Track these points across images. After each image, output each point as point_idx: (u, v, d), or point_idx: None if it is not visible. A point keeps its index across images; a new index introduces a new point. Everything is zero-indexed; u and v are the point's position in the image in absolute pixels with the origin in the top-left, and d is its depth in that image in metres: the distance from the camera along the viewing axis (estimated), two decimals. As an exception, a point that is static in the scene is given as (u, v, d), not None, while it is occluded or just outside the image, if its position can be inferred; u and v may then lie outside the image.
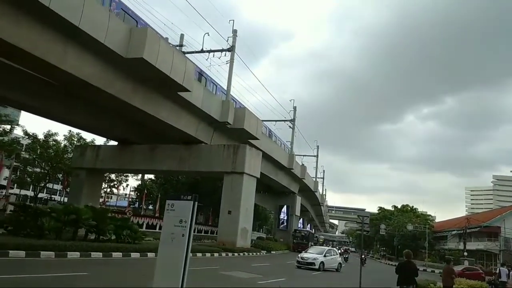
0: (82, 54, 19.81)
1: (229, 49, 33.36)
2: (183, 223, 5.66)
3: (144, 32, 21.22)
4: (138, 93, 24.18)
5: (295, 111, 52.75)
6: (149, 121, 27.78)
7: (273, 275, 15.76)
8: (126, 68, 22.02)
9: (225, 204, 30.48)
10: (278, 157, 44.85)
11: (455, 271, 12.76)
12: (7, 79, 21.86)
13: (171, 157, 32.30)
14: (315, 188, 68.18)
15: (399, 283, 9.67)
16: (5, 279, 8.76)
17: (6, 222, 15.95)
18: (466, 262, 41.62)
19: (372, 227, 78.72)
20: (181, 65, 23.71)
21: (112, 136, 36.27)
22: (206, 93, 29.19)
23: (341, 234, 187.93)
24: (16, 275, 9.50)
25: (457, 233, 55.82)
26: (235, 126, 31.67)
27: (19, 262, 11.73)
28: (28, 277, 9.42)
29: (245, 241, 30.42)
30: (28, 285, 8.72)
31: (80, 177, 34.57)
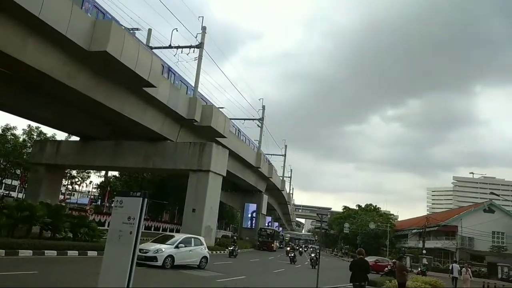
0: (43, 46, 19.10)
1: (198, 46, 33.00)
2: (131, 220, 5.53)
3: (108, 25, 20.69)
4: (101, 88, 23.57)
5: (264, 110, 52.99)
6: (113, 117, 27.14)
7: (235, 274, 15.76)
8: (89, 62, 21.42)
9: (189, 202, 30.17)
10: (245, 156, 44.86)
11: (406, 268, 13.22)
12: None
13: (135, 154, 31.65)
14: (282, 187, 68.72)
15: (352, 280, 9.90)
16: None
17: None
18: (424, 260, 43.20)
19: (336, 226, 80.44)
20: (147, 59, 23.27)
21: (74, 131, 35.16)
22: (173, 89, 28.78)
23: (307, 233, 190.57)
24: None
25: (417, 231, 57.74)
26: (202, 124, 31.39)
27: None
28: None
29: (209, 240, 30.15)
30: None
31: (39, 173, 33.27)
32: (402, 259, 15.23)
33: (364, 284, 9.86)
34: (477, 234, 49.14)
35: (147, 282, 10.66)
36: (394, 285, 15.50)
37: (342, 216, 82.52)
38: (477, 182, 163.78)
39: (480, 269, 43.88)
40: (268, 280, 15.82)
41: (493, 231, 51.20)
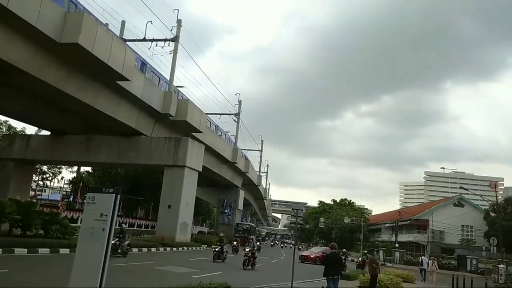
0: (10, 37, 18.43)
1: (173, 39, 32.56)
2: (103, 217, 5.39)
3: (80, 16, 20.17)
4: (73, 81, 22.98)
5: (240, 105, 52.93)
6: (86, 111, 26.52)
7: (209, 269, 15.68)
8: (60, 54, 20.83)
9: (165, 198, 29.85)
10: (222, 151, 44.72)
11: (377, 261, 13.51)
12: None
13: (109, 149, 31.03)
14: (258, 182, 68.91)
15: (326, 274, 10.00)
16: None
17: None
18: (397, 254, 44.26)
19: (312, 221, 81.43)
20: (120, 52, 22.81)
21: (44, 125, 34.10)
22: (147, 83, 28.33)
23: (284, 228, 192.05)
24: None
25: (390, 225, 59.09)
26: (178, 119, 31.03)
27: None
28: None
29: (185, 236, 30.05)
30: None
31: (7, 168, 32.13)
32: (373, 252, 15.59)
33: (337, 278, 9.98)
34: (447, 228, 50.67)
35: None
36: (367, 278, 15.79)
37: (317, 211, 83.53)
38: (447, 177, 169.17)
39: (450, 261, 45.31)
40: (246, 276, 15.79)
41: (463, 225, 52.94)
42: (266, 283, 13.28)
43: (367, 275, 16.46)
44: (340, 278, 10.16)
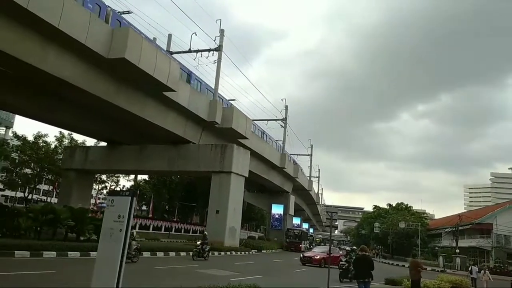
0: (63, 55, 19.84)
1: (217, 49, 33.36)
2: (121, 218, 5.69)
3: (125, 32, 21.27)
4: (122, 93, 24.22)
5: (287, 110, 52.85)
6: (136, 121, 27.79)
7: (252, 273, 15.77)
8: (109, 69, 22.06)
9: (213, 203, 30.52)
10: (269, 157, 44.88)
11: (421, 264, 12.86)
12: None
13: (159, 158, 32.30)
14: (309, 187, 68.21)
15: (356, 277, 9.74)
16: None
17: (-19, 223, 15.95)
18: (457, 260, 41.79)
19: (367, 226, 79.03)
20: (165, 64, 23.75)
21: (100, 137, 36.32)
22: (193, 93, 29.24)
23: (340, 233, 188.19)
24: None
25: (450, 230, 55.94)
26: (223, 126, 31.70)
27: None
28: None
29: (234, 240, 30.42)
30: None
31: (69, 178, 34.55)
32: (415, 256, 14.90)
33: (368, 281, 9.66)
34: (514, 232, 47.03)
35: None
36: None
37: (372, 215, 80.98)
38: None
39: (517, 268, 41.94)
40: (285, 279, 15.71)
41: (531, 229, 48.83)
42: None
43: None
44: (371, 280, 9.82)
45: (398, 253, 62.12)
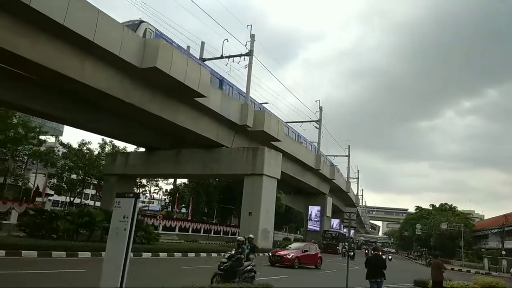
0: (99, 67, 21.14)
1: (247, 54, 34.04)
2: (125, 219, 6.23)
3: (157, 43, 22.33)
4: (155, 101, 25.33)
5: (321, 111, 52.68)
6: (170, 127, 28.92)
7: (278, 274, 16.09)
8: (142, 78, 23.18)
9: (245, 205, 31.10)
10: (304, 158, 44.96)
11: (444, 265, 12.60)
12: (39, 95, 23.58)
13: (194, 161, 33.32)
14: (347, 189, 67.44)
15: (368, 276, 9.81)
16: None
17: (23, 225, 17.34)
18: (504, 262, 39.93)
19: (410, 227, 76.82)
20: (196, 72, 24.63)
21: (138, 143, 37.93)
22: (224, 98, 30.01)
23: (383, 235, 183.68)
24: (15, 271, 10.54)
25: (497, 231, 53.36)
26: (255, 129, 32.28)
27: (29, 261, 12.91)
28: (19, 274, 10.47)
29: (267, 242, 30.79)
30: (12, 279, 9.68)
31: (110, 182, 36.38)
32: (438, 256, 14.55)
33: (380, 280, 9.73)
34: None
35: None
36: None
37: (414, 217, 78.61)
38: None
39: None
40: (311, 280, 15.88)
41: None
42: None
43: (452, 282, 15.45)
44: (384, 279, 9.87)
45: (441, 255, 59.95)
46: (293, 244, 25.16)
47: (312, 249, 23.21)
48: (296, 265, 20.34)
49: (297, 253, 21.48)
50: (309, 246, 23.37)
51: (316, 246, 25.39)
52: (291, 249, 22.49)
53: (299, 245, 23.94)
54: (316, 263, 22.50)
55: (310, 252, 22.46)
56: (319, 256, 23.17)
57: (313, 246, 24.16)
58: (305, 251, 21.94)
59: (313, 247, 23.95)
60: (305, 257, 21.66)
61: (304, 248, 22.40)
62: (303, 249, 22.28)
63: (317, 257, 22.88)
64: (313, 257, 22.47)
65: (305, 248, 22.65)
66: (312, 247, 23.95)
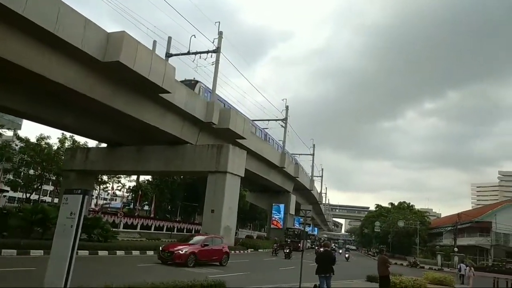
0: (63, 61, 20.50)
1: (215, 51, 33.91)
2: (72, 215, 6.20)
3: (120, 36, 21.82)
4: (119, 96, 24.83)
5: (287, 110, 53.33)
6: (134, 123, 28.40)
7: (237, 271, 16.25)
8: (106, 72, 22.66)
9: (208, 203, 31.07)
10: (269, 157, 45.34)
11: (389, 260, 13.24)
12: None
13: (157, 158, 32.94)
14: (311, 187, 68.59)
15: (318, 272, 10.16)
16: None
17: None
18: (456, 258, 42.00)
19: (369, 225, 79.20)
20: (160, 67, 24.32)
21: (100, 138, 37.03)
22: (190, 94, 29.80)
23: (346, 233, 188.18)
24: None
25: (450, 229, 56.04)
26: (221, 126, 32.24)
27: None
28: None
29: (229, 239, 30.86)
30: None
31: (70, 178, 35.33)
32: (383, 252, 15.26)
33: (329, 276, 10.11)
34: (513, 231, 47.04)
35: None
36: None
37: (374, 215, 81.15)
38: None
39: (516, 266, 42.00)
40: (269, 276, 16.15)
41: (532, 227, 48.75)
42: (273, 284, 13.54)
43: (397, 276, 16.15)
44: (332, 275, 10.27)
45: (398, 252, 62.38)
46: (195, 238, 21.06)
47: (216, 243, 20.22)
48: (190, 263, 17.19)
49: (194, 247, 18.23)
50: (212, 239, 20.05)
51: (222, 239, 22.39)
52: (188, 243, 18.95)
53: (199, 238, 20.11)
54: (221, 259, 19.74)
55: (213, 246, 19.48)
56: (225, 251, 20.46)
57: (218, 240, 21.19)
58: (206, 245, 18.72)
59: (218, 240, 21.12)
60: (204, 252, 18.44)
61: (204, 242, 19.03)
62: (203, 242, 18.94)
63: (222, 252, 20.08)
64: (216, 252, 19.52)
65: (206, 241, 19.25)
66: (217, 240, 20.99)
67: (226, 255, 20.41)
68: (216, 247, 19.82)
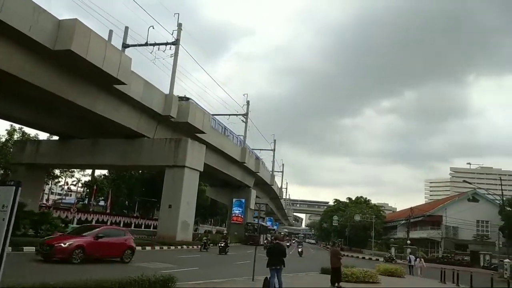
0: (8, 48, 19.32)
1: (174, 43, 33.19)
2: (5, 208, 5.79)
3: (72, 24, 20.86)
4: (71, 87, 23.80)
5: (248, 105, 53.32)
6: (87, 115, 27.35)
7: (190, 265, 16.02)
8: (57, 62, 21.67)
9: (166, 197, 30.53)
10: (230, 151, 45.12)
11: (340, 253, 13.56)
12: None
13: (113, 152, 31.94)
14: (271, 182, 69.03)
15: (269, 265, 10.17)
16: None
17: None
18: (408, 250, 43.68)
19: (328, 219, 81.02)
20: (115, 57, 23.52)
21: (53, 131, 35.43)
22: (147, 86, 28.99)
23: (306, 227, 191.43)
24: None
25: (404, 222, 58.31)
26: (179, 120, 31.65)
27: None
28: None
29: (186, 235, 30.58)
30: None
31: (19, 172, 33.49)
32: (335, 244, 15.68)
33: (280, 268, 10.15)
34: (461, 224, 49.56)
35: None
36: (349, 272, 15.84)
37: (332, 209, 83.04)
38: (474, 173, 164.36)
39: (463, 257, 44.34)
40: (221, 271, 16.01)
41: (478, 220, 51.65)
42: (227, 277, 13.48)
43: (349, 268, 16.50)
44: (283, 267, 10.31)
45: (355, 245, 64.31)
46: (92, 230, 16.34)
47: (115, 235, 16.61)
48: (76, 259, 14.06)
49: (83, 240, 14.75)
50: (109, 231, 16.64)
51: (125, 231, 18.29)
52: (79, 235, 15.32)
53: (93, 230, 16.11)
54: (122, 255, 16.12)
55: (111, 239, 15.89)
56: (128, 245, 16.62)
57: (118, 232, 17.56)
58: (99, 237, 15.16)
59: (118, 232, 17.46)
60: (97, 246, 15.02)
61: (98, 233, 15.38)
62: (97, 234, 15.32)
63: (124, 247, 16.33)
64: (114, 246, 15.90)
65: (100, 233, 15.54)
66: (117, 232, 17.40)
67: (129, 249, 16.56)
68: (115, 240, 16.09)
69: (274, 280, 10.11)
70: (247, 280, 12.68)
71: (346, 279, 15.05)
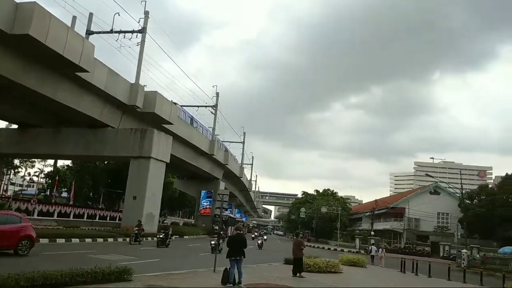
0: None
1: (140, 31, 32.42)
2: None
3: (31, 7, 19.97)
4: (30, 73, 22.90)
5: (218, 97, 52.89)
6: (48, 103, 26.41)
7: (151, 257, 15.81)
8: (15, 47, 20.78)
9: (130, 189, 30.00)
10: (198, 143, 44.72)
11: (303, 243, 13.74)
12: None
13: (75, 142, 31.00)
14: (240, 174, 69.05)
15: (229, 255, 10.16)
16: None
17: None
18: (372, 241, 44.83)
19: (296, 211, 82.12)
20: (77, 44, 22.73)
21: (11, 119, 33.98)
22: (111, 75, 28.20)
23: (275, 219, 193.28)
24: None
25: (369, 214, 59.87)
26: (146, 110, 31.02)
27: None
28: None
29: (152, 227, 30.14)
30: None
31: (-26, 162, 32.16)
32: (298, 235, 15.91)
33: (240, 259, 10.15)
34: (423, 216, 51.39)
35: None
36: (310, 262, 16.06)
37: (300, 201, 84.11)
38: (437, 167, 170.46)
39: (424, 248, 45.98)
40: (182, 263, 15.83)
41: (438, 212, 53.70)
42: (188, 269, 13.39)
43: (312, 259, 16.74)
44: (243, 258, 10.33)
45: (322, 237, 65.54)
46: None
47: (8, 221, 13.48)
48: None
49: None
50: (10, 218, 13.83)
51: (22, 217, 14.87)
52: None
53: None
54: (15, 246, 13.18)
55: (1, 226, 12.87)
56: (25, 234, 13.52)
57: (7, 217, 13.94)
58: None
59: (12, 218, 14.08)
60: None
61: None
62: None
63: (19, 237, 13.24)
64: (5, 235, 12.73)
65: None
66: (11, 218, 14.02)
67: (27, 240, 13.59)
68: (8, 228, 12.99)
69: (234, 271, 10.09)
70: (208, 271, 12.60)
71: (309, 269, 15.29)
